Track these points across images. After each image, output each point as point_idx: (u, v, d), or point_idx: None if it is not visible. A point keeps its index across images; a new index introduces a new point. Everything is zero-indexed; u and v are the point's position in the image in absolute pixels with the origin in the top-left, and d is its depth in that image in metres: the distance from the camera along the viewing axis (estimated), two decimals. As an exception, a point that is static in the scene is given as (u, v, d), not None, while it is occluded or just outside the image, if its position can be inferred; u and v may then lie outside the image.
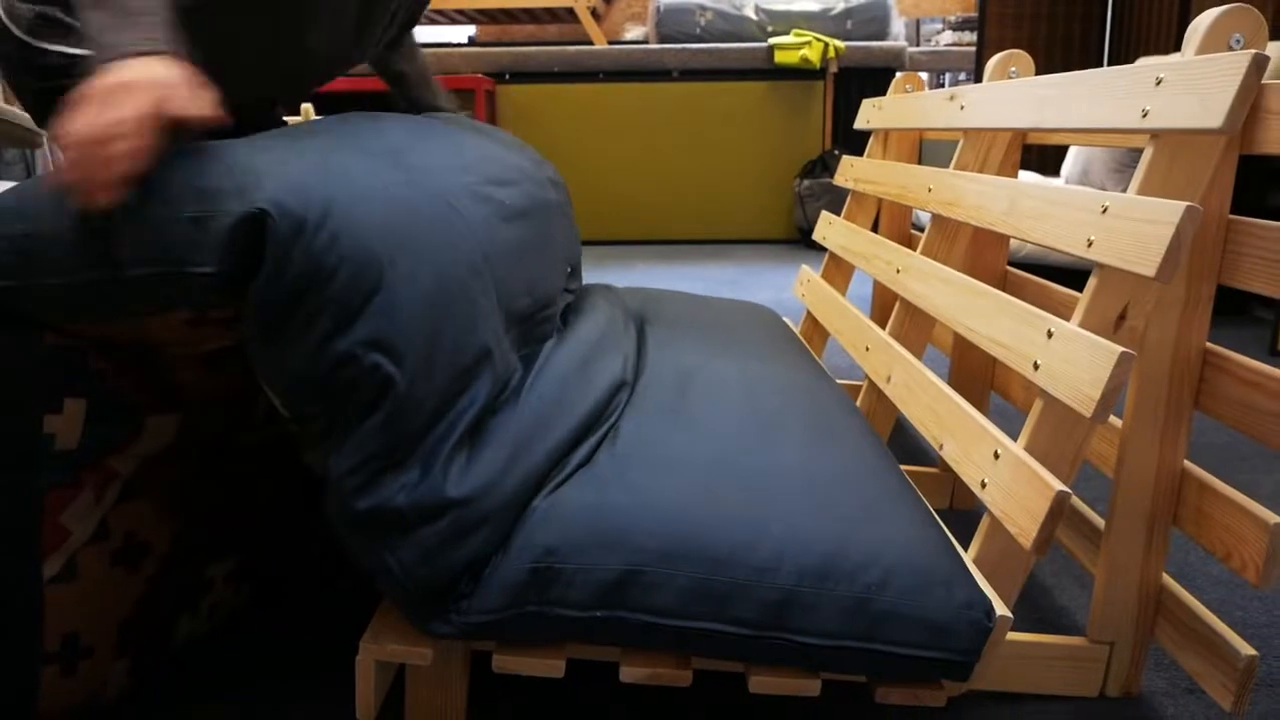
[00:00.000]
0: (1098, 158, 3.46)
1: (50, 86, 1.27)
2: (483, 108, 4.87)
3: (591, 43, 5.48)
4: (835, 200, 4.85)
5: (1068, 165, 3.71)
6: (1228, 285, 0.97)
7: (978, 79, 4.74)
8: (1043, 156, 4.48)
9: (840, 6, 5.10)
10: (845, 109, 5.07)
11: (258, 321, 0.83)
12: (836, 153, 4.95)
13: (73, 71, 1.27)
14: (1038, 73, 1.63)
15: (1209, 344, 1.01)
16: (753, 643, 0.89)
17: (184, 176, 0.83)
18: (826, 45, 4.93)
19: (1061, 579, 1.43)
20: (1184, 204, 0.84)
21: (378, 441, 0.86)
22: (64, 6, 1.29)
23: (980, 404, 1.68)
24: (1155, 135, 0.93)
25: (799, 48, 4.90)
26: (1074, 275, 3.11)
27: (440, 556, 0.87)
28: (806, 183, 4.90)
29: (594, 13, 5.63)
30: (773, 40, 5.00)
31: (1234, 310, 3.38)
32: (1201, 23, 0.94)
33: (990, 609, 0.90)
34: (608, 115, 5.13)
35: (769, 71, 5.01)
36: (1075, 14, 4.62)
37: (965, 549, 1.06)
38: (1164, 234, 0.85)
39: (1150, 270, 0.86)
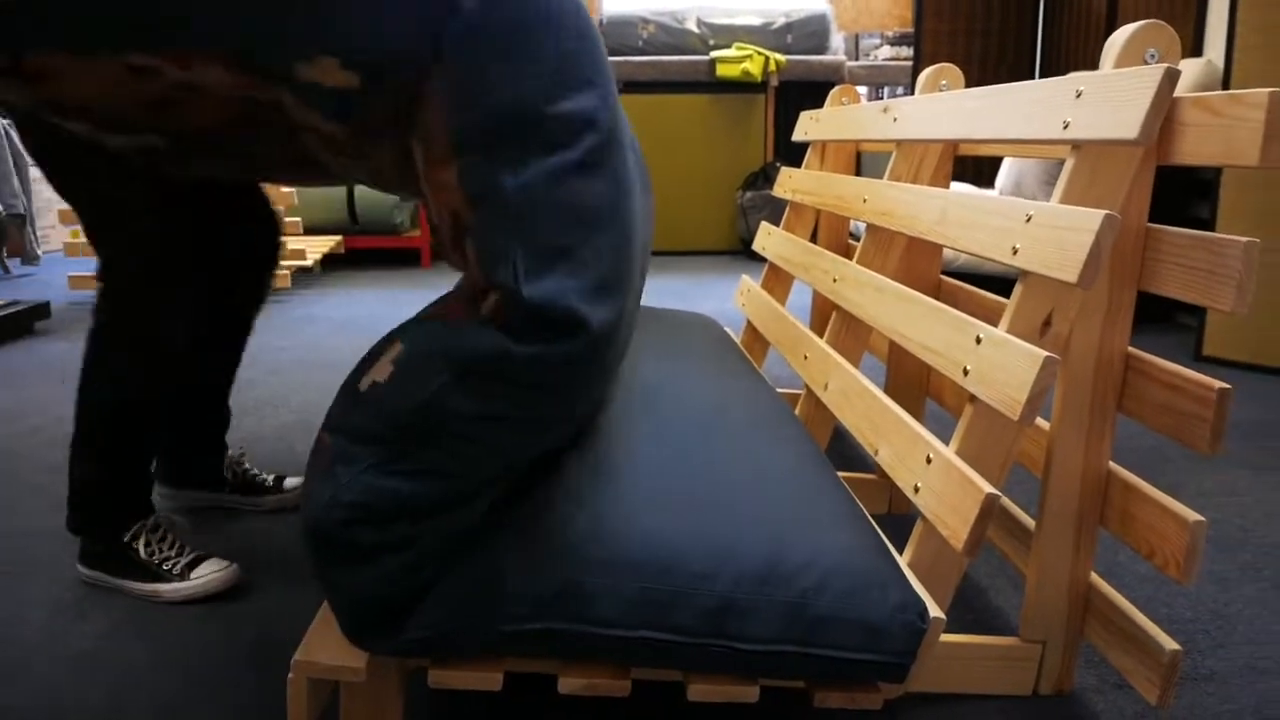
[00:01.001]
0: (1030, 169, 3.55)
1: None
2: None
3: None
4: (776, 211, 4.90)
5: (1001, 177, 3.79)
6: (1147, 291, 1.00)
7: (913, 92, 4.84)
8: (978, 168, 4.58)
9: (781, 21, 5.17)
10: (786, 121, 5.13)
11: None
12: (778, 164, 5.00)
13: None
14: (972, 86, 1.67)
15: (1131, 348, 1.04)
16: (692, 650, 0.90)
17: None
18: (767, 59, 4.99)
19: (996, 580, 1.46)
20: (1103, 213, 0.86)
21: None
22: None
23: (916, 410, 1.70)
24: (1076, 146, 0.96)
25: (740, 61, 4.95)
26: (1008, 284, 3.18)
27: (398, 578, 0.87)
28: (749, 194, 4.95)
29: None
30: (715, 53, 5.04)
31: (1160, 317, 3.48)
32: (1118, 38, 0.97)
33: (924, 611, 0.91)
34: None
35: (711, 84, 5.05)
36: (1008, 29, 4.74)
37: (902, 553, 1.07)
38: (1084, 241, 0.87)
39: (1072, 277, 0.88)
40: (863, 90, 6.44)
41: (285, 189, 3.80)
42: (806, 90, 5.12)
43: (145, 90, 1.00)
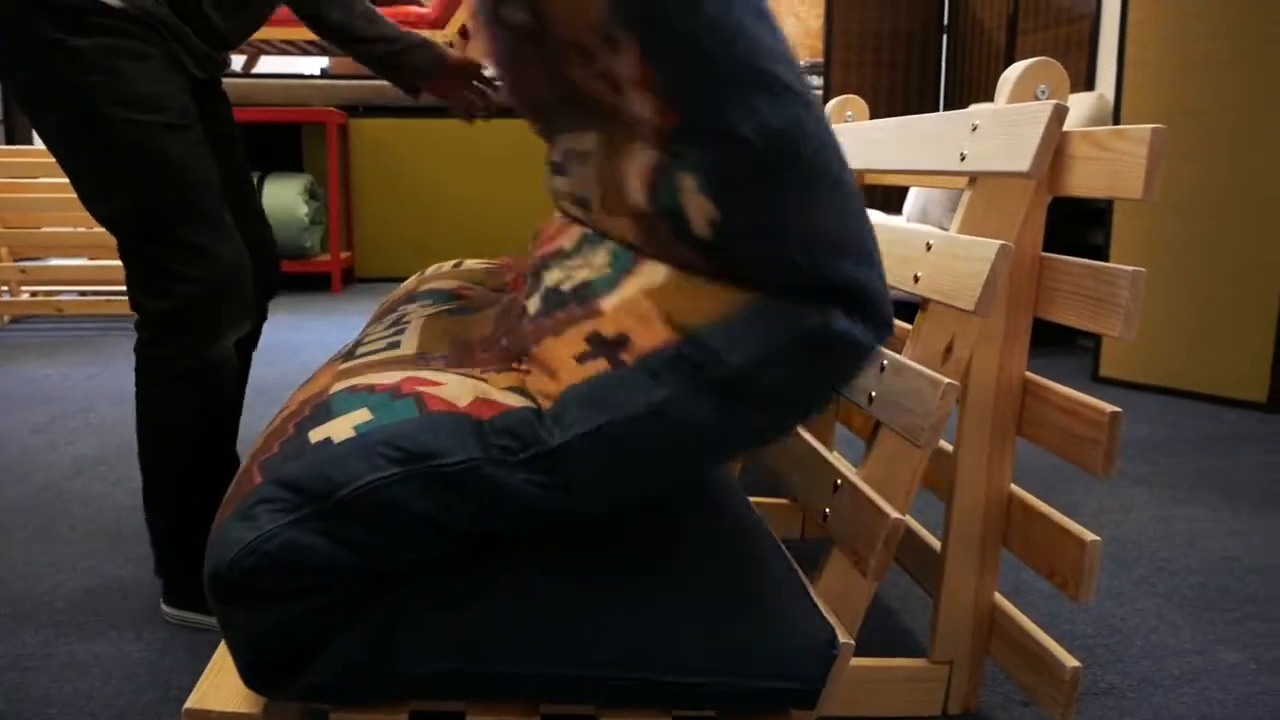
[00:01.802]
0: (935, 198, 3.65)
1: (44, 36, 1.18)
2: (334, 142, 4.76)
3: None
4: None
5: (908, 205, 3.90)
6: (1043, 318, 1.03)
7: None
8: (887, 195, 4.70)
9: None
10: None
11: None
12: None
13: (79, 26, 1.18)
14: (878, 117, 1.71)
15: (1029, 374, 1.08)
16: (609, 684, 0.89)
17: None
18: None
19: (905, 601, 1.48)
20: (998, 243, 0.89)
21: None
22: None
23: (826, 436, 1.73)
24: (973, 178, 0.99)
25: None
26: (913, 309, 3.26)
27: (301, 623, 0.84)
28: None
29: (450, 47, 5.61)
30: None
31: (1061, 341, 3.60)
32: (1011, 74, 1.00)
33: (834, 637, 0.92)
34: (464, 149, 5.10)
35: None
36: (913, 62, 4.89)
37: (813, 578, 1.08)
38: (981, 271, 0.90)
39: (970, 305, 0.91)
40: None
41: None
42: None
43: None
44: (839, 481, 1.03)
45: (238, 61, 5.23)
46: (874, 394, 1.02)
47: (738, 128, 0.79)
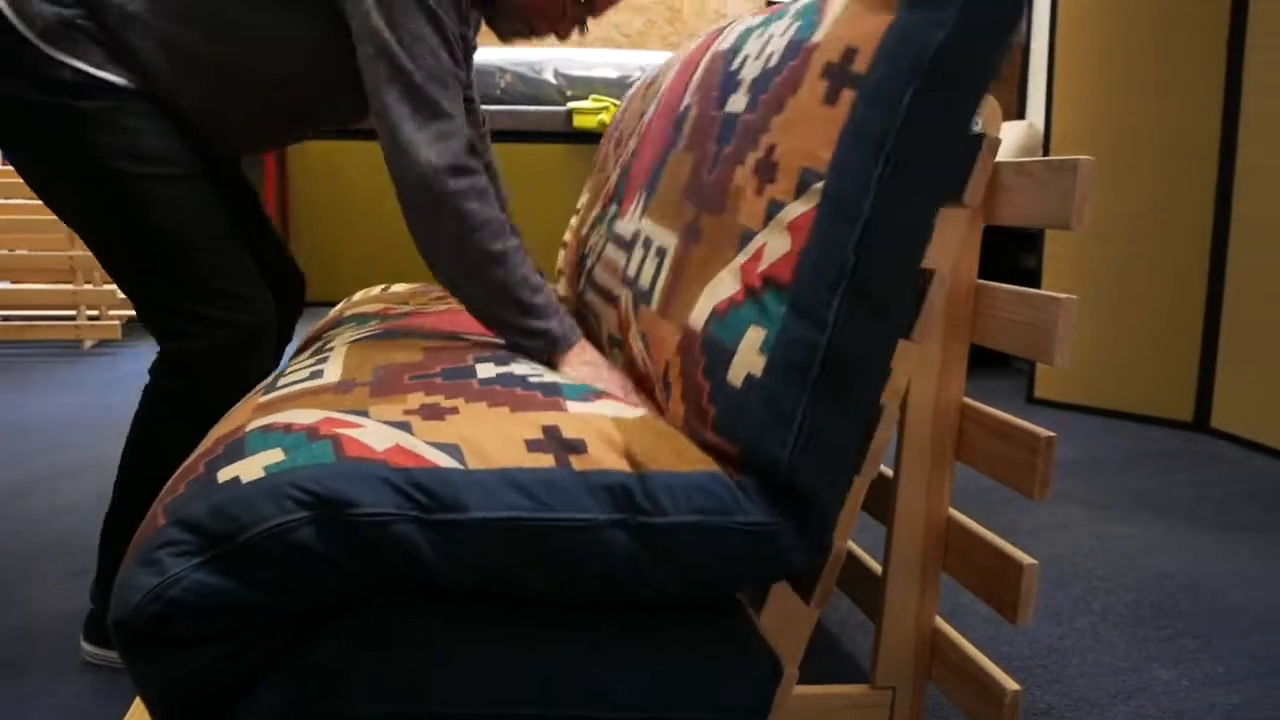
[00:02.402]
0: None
1: (48, 102, 1.17)
2: (272, 164, 4.69)
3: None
4: None
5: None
6: (979, 345, 1.04)
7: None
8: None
9: (637, 74, 5.24)
10: None
11: None
12: None
13: (84, 93, 1.17)
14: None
15: (966, 399, 1.09)
16: (550, 720, 0.87)
17: None
18: None
19: (847, 626, 1.48)
20: (934, 271, 0.90)
21: None
22: (92, 11, 1.18)
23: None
24: (910, 206, 1.00)
25: (597, 112, 4.96)
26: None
27: (220, 668, 0.81)
28: None
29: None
30: (571, 104, 5.08)
31: (997, 362, 3.67)
32: (945, 104, 1.02)
33: (778, 665, 0.92)
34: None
35: (568, 134, 5.07)
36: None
37: (755, 607, 1.08)
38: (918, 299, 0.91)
39: (908, 332, 0.92)
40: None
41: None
42: None
43: None
44: (781, 508, 1.03)
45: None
46: (815, 420, 1.02)
47: (834, 328, 0.85)
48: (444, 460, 0.86)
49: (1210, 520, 2.00)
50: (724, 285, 0.95)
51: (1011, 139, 3.48)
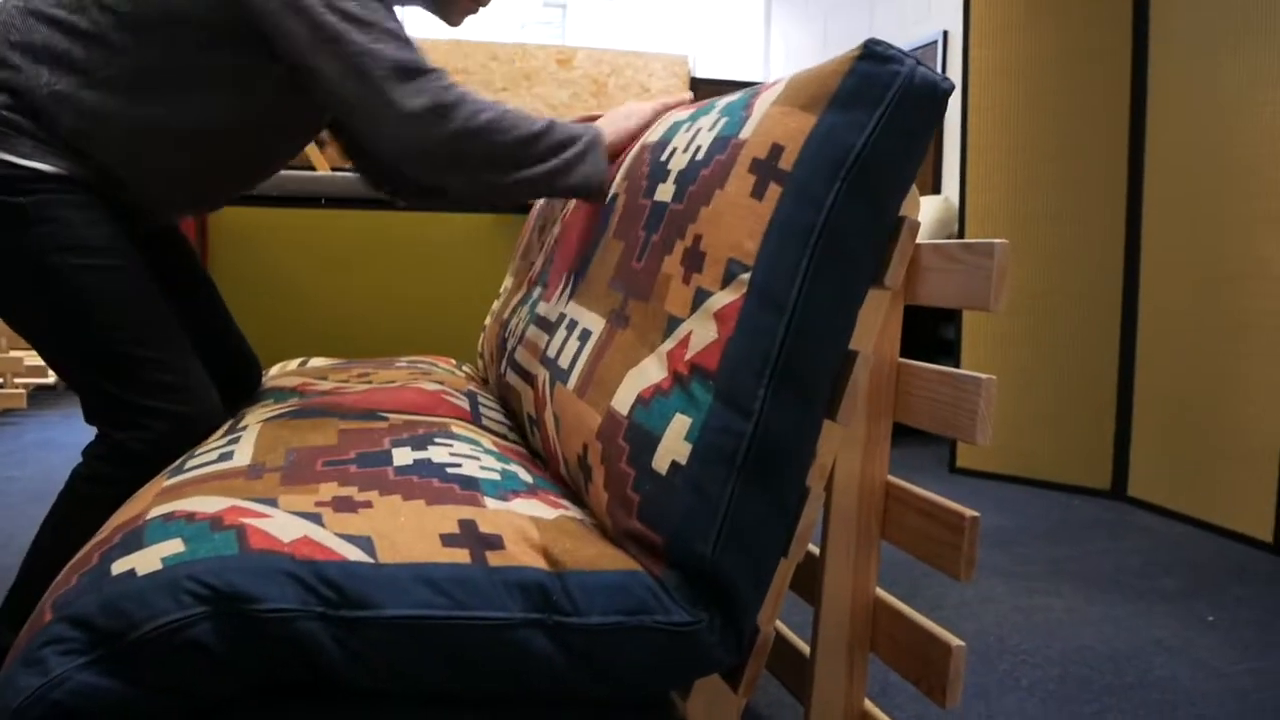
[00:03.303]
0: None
1: None
2: (194, 232, 4.59)
3: (314, 168, 5.36)
4: None
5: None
6: (902, 423, 1.05)
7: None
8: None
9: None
10: None
11: None
12: None
13: (14, 186, 1.14)
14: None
15: (890, 477, 1.09)
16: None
17: None
18: None
19: (777, 709, 1.46)
20: (858, 352, 0.91)
21: None
22: (17, 97, 1.14)
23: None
24: (832, 287, 1.01)
25: None
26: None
27: None
28: None
29: (317, 139, 5.54)
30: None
31: (918, 432, 3.73)
32: (864, 188, 1.04)
33: (705, 757, 0.89)
34: (331, 242, 4.98)
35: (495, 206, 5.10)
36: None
37: (681, 694, 1.05)
38: (841, 380, 0.91)
39: (832, 414, 0.92)
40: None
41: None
42: None
43: None
44: (708, 592, 1.01)
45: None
46: (741, 502, 1.01)
47: (760, 416, 0.85)
48: (354, 553, 0.82)
49: (1130, 590, 2.03)
50: (650, 371, 0.94)
51: (929, 213, 3.58)
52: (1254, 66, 2.31)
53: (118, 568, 0.79)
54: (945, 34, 4.16)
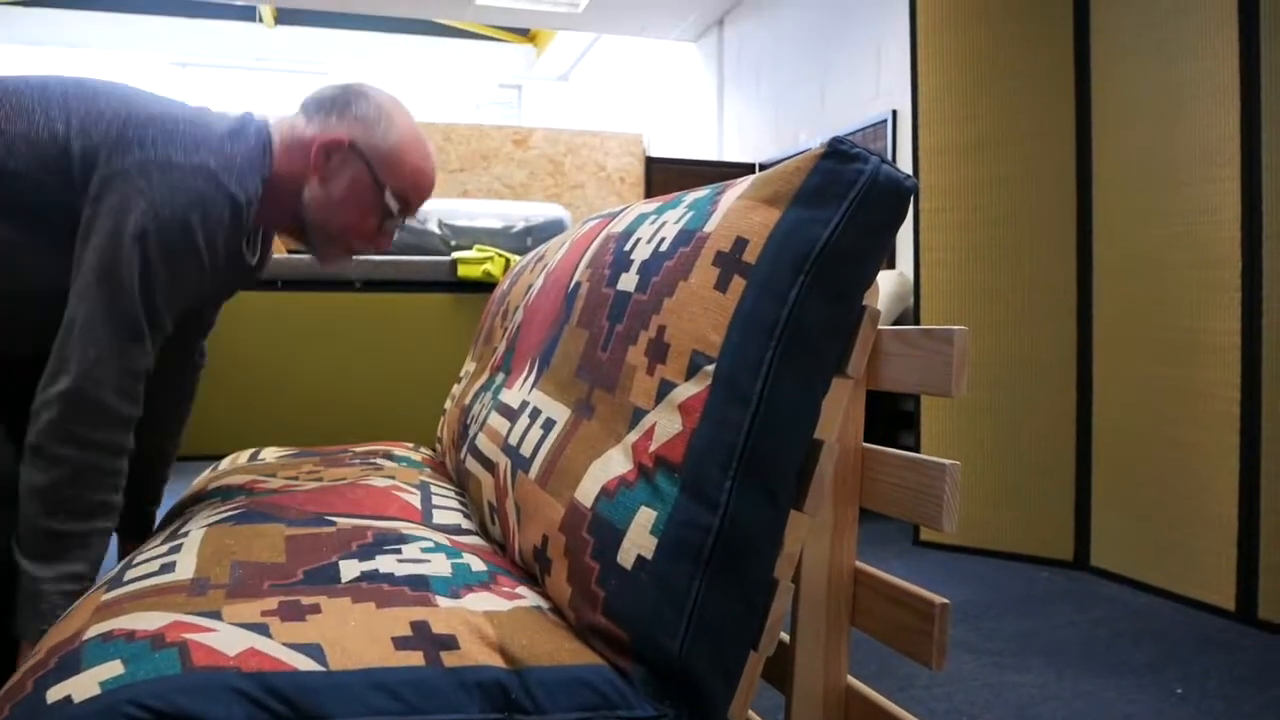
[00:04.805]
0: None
1: None
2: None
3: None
4: None
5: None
6: (868, 509, 1.04)
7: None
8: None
9: (521, 225, 5.30)
10: None
11: None
12: None
13: None
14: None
15: (859, 564, 1.08)
16: None
17: None
18: (508, 260, 5.01)
19: (751, 802, 1.41)
20: (823, 441, 0.90)
21: None
22: None
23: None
24: (794, 374, 1.01)
25: (481, 262, 4.95)
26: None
27: None
28: None
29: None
30: (456, 254, 5.09)
31: (882, 503, 3.72)
32: (823, 274, 1.04)
33: None
34: (288, 325, 4.93)
35: (452, 284, 5.03)
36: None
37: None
38: (808, 470, 0.90)
39: (799, 504, 0.90)
40: (602, 290, 6.76)
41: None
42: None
43: None
44: (677, 689, 0.98)
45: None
46: (708, 594, 0.99)
47: (726, 509, 0.84)
48: (303, 663, 0.79)
49: (1100, 663, 2.02)
50: (614, 463, 0.93)
51: (885, 288, 3.63)
52: (1194, 142, 2.39)
53: (53, 695, 0.75)
54: (895, 113, 4.28)
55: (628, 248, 1.10)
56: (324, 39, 9.83)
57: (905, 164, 4.07)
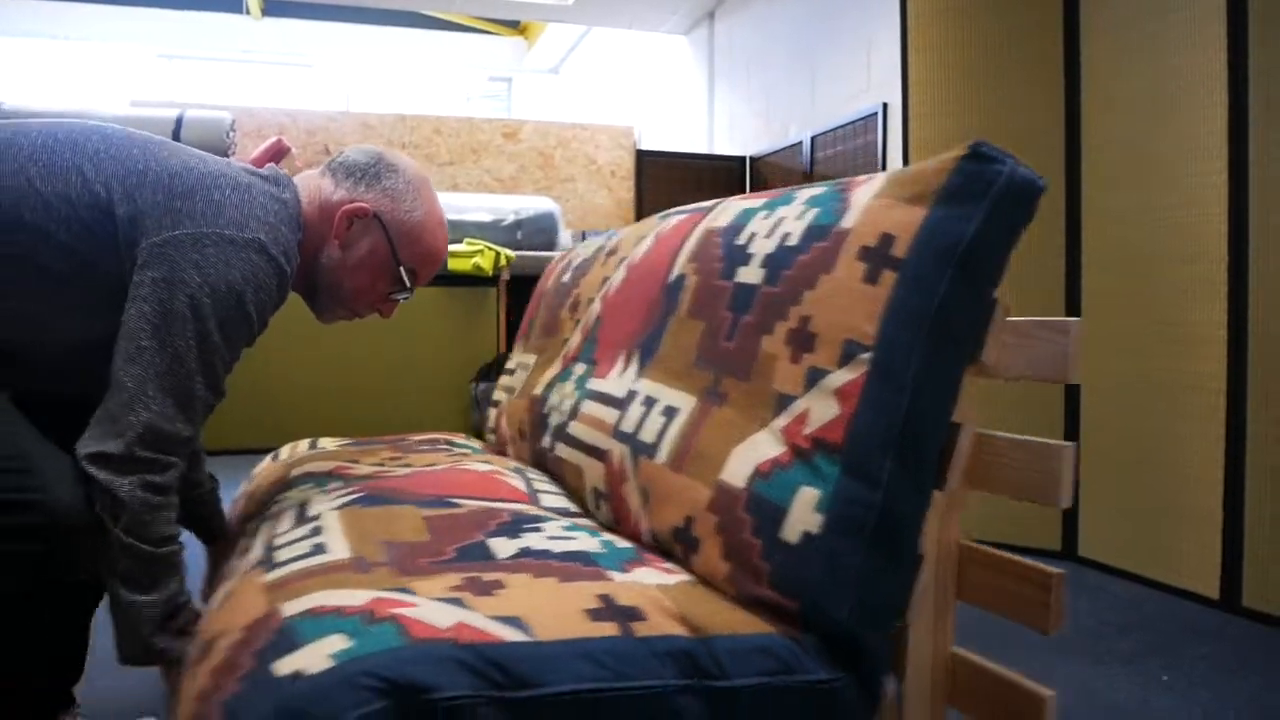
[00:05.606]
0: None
1: None
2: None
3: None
4: None
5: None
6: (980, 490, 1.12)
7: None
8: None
9: (511, 218, 5.29)
10: (518, 314, 5.05)
11: None
12: (510, 355, 4.93)
13: None
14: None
15: (962, 540, 1.15)
16: None
17: None
18: (498, 254, 4.97)
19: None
20: (960, 424, 0.97)
21: None
22: None
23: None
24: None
25: (471, 256, 4.92)
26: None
27: None
28: (482, 385, 4.85)
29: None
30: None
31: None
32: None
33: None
34: (284, 321, 4.82)
35: (443, 278, 4.87)
36: (699, 233, 5.24)
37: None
38: (951, 451, 0.98)
39: (939, 482, 0.98)
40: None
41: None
42: (537, 284, 5.14)
43: None
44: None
45: None
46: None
47: (886, 487, 0.91)
48: (510, 634, 0.84)
49: (1088, 653, 2.07)
50: (763, 446, 0.99)
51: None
52: (1182, 137, 2.49)
53: (282, 668, 0.78)
54: (885, 106, 4.37)
55: (740, 241, 1.16)
56: (311, 31, 9.62)
57: (895, 157, 4.17)
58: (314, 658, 0.79)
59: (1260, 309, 2.32)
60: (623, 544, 1.07)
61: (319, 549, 1.05)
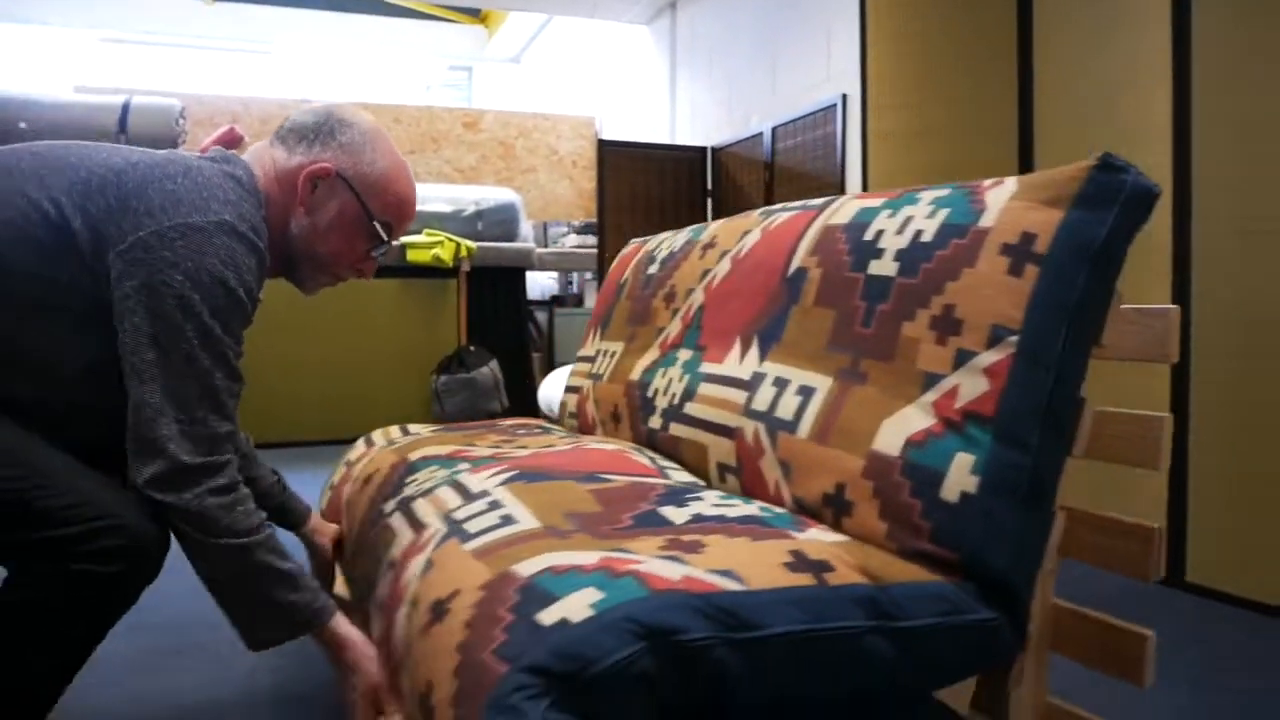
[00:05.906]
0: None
1: None
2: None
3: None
4: (473, 395, 4.83)
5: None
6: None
7: (600, 276, 5.23)
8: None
9: (472, 209, 5.30)
10: (478, 306, 5.14)
11: None
12: (471, 348, 4.97)
13: None
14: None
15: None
16: None
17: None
18: (458, 245, 4.96)
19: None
20: (1085, 399, 1.12)
21: None
22: None
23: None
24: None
25: (431, 247, 4.89)
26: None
27: None
28: (443, 378, 4.84)
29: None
30: (405, 239, 4.99)
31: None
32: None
33: None
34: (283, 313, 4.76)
35: (402, 269, 4.94)
36: (682, 220, 5.34)
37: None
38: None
39: (1071, 449, 1.12)
40: (551, 275, 6.83)
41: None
42: (498, 275, 5.18)
43: None
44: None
45: None
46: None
47: (1037, 453, 1.05)
48: (728, 584, 0.96)
49: (1193, 682, 1.87)
50: (914, 419, 1.12)
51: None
52: (1128, 122, 2.56)
53: (547, 618, 0.88)
54: (844, 97, 4.48)
55: (868, 238, 1.29)
56: (267, 16, 9.37)
57: (855, 148, 4.28)
58: (575, 607, 0.89)
59: (1205, 296, 2.39)
60: (779, 510, 1.19)
61: (508, 519, 1.14)
